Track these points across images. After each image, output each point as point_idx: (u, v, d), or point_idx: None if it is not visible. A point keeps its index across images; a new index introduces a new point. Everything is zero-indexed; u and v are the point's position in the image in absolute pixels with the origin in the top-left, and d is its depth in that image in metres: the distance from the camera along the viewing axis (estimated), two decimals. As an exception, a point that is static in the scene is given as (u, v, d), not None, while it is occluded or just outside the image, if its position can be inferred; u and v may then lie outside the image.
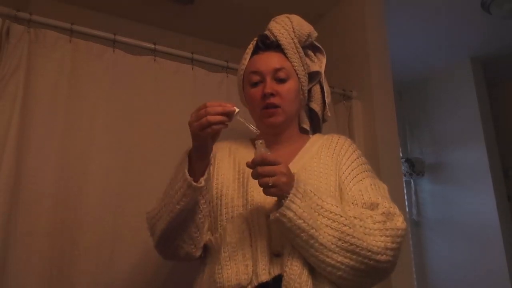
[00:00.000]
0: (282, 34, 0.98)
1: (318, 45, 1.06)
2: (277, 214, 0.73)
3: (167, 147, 1.30)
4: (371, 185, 0.89)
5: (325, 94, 1.06)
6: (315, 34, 1.03)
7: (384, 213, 0.81)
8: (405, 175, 2.84)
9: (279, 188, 0.73)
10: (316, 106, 1.06)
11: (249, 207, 0.84)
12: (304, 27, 1.01)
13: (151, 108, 1.32)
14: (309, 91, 1.05)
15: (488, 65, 2.71)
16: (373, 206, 0.83)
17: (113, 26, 1.42)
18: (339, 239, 0.74)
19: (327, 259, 0.74)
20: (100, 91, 1.24)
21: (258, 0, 1.94)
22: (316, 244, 0.74)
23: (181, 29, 2.18)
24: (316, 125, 1.10)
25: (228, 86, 1.47)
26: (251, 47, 1.00)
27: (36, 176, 1.09)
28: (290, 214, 0.72)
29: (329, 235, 0.74)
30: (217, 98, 1.43)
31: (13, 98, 1.08)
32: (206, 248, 0.90)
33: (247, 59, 0.99)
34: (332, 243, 0.74)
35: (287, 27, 0.99)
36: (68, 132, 1.16)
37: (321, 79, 1.05)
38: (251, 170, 0.82)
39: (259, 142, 0.77)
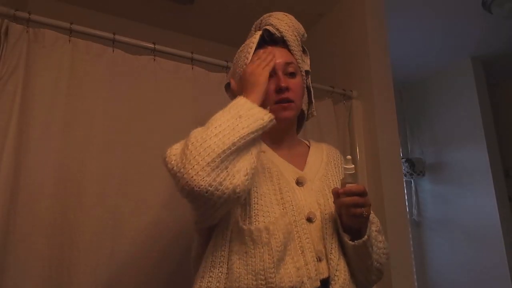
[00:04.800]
0: (287, 30, 0.96)
1: (303, 46, 1.06)
2: (361, 242, 0.80)
3: (166, 147, 1.29)
4: None
5: (312, 94, 1.05)
6: (306, 35, 1.03)
7: (377, 230, 0.92)
8: (405, 175, 2.84)
9: (367, 218, 0.80)
10: (303, 105, 1.06)
11: (288, 206, 0.82)
12: (300, 26, 1.01)
13: (150, 107, 1.31)
14: None
15: (489, 65, 2.71)
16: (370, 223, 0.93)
17: (112, 26, 1.42)
18: (376, 261, 0.86)
19: (369, 278, 0.87)
20: (99, 91, 1.23)
21: (258, 0, 1.94)
22: (371, 267, 0.85)
23: (181, 29, 2.18)
24: (299, 124, 1.07)
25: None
26: (254, 41, 0.96)
27: (35, 176, 1.09)
28: (368, 243, 0.81)
29: (373, 257, 0.85)
30: (217, 98, 1.43)
31: (12, 98, 1.08)
32: (229, 236, 0.82)
33: (251, 54, 0.94)
34: (373, 266, 0.85)
35: (289, 24, 0.98)
36: (67, 131, 1.16)
37: (307, 79, 1.05)
38: (273, 165, 0.87)
39: (353, 172, 0.80)
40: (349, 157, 0.81)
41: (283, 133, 0.96)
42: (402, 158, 2.63)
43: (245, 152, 0.75)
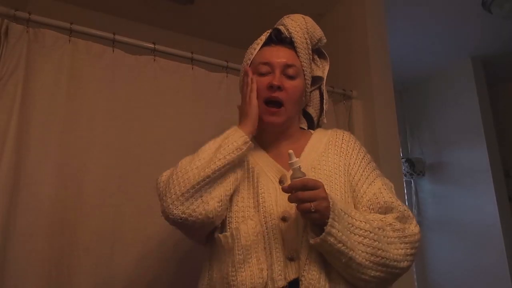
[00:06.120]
0: (297, 32, 0.97)
1: (324, 51, 1.06)
2: (318, 240, 0.73)
3: (167, 147, 1.30)
4: (383, 185, 0.90)
5: (324, 101, 1.04)
6: (324, 40, 1.03)
7: (399, 217, 0.84)
8: (405, 175, 2.84)
9: (321, 213, 0.73)
10: (313, 111, 1.05)
11: (261, 208, 0.83)
12: (317, 30, 1.01)
13: (150, 107, 1.31)
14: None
15: (488, 65, 2.70)
16: (388, 210, 0.86)
17: (112, 26, 1.42)
18: (372, 255, 0.76)
19: (363, 276, 0.76)
20: (99, 91, 1.24)
21: (258, 0, 1.94)
22: (354, 264, 0.75)
23: (181, 29, 2.18)
24: (309, 129, 1.08)
25: (228, 86, 1.47)
26: (262, 38, 0.99)
27: (35, 176, 1.09)
28: (331, 240, 0.73)
29: (363, 252, 0.76)
30: (217, 98, 1.44)
31: (12, 98, 1.08)
32: (211, 245, 0.88)
33: (257, 49, 0.97)
34: (366, 260, 0.76)
35: (302, 26, 0.98)
36: (67, 132, 1.16)
37: (321, 86, 1.04)
38: (257, 166, 0.87)
39: (297, 166, 0.76)
40: (291, 151, 0.77)
41: (276, 134, 0.96)
42: (402, 158, 2.63)
43: (222, 179, 0.82)
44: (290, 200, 0.76)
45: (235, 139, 0.83)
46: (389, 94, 1.75)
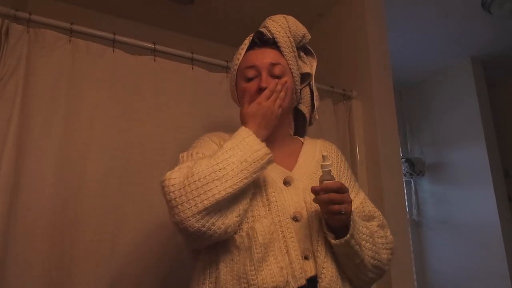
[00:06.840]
0: (279, 32, 0.98)
1: (310, 48, 1.07)
2: (343, 241, 0.78)
3: (167, 147, 1.30)
4: (365, 195, 0.98)
5: (314, 98, 1.05)
6: (308, 36, 1.04)
7: (379, 225, 0.91)
8: (405, 175, 2.84)
9: (347, 216, 0.78)
10: (304, 108, 1.06)
11: (273, 207, 0.84)
12: (299, 27, 1.02)
13: (150, 108, 1.32)
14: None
15: (488, 65, 2.71)
16: (370, 218, 0.92)
17: (113, 26, 1.42)
18: (372, 258, 0.83)
19: (364, 277, 0.84)
20: (99, 91, 1.24)
21: (258, 0, 1.94)
22: (362, 266, 0.82)
23: (181, 29, 2.18)
24: (302, 127, 1.09)
25: (228, 85, 1.47)
26: (246, 42, 1.01)
27: (36, 176, 1.09)
28: (353, 242, 0.79)
29: (366, 255, 0.82)
30: (217, 98, 1.44)
31: (13, 98, 1.08)
32: (215, 248, 0.85)
33: (242, 55, 0.99)
34: (369, 263, 0.83)
35: (284, 26, 0.99)
36: (67, 132, 1.16)
37: (311, 82, 1.05)
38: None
39: (329, 169, 0.80)
40: (325, 153, 0.82)
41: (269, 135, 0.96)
42: (402, 158, 2.63)
43: (241, 194, 0.80)
44: (320, 200, 0.78)
45: (260, 155, 0.80)
46: (389, 94, 1.76)
